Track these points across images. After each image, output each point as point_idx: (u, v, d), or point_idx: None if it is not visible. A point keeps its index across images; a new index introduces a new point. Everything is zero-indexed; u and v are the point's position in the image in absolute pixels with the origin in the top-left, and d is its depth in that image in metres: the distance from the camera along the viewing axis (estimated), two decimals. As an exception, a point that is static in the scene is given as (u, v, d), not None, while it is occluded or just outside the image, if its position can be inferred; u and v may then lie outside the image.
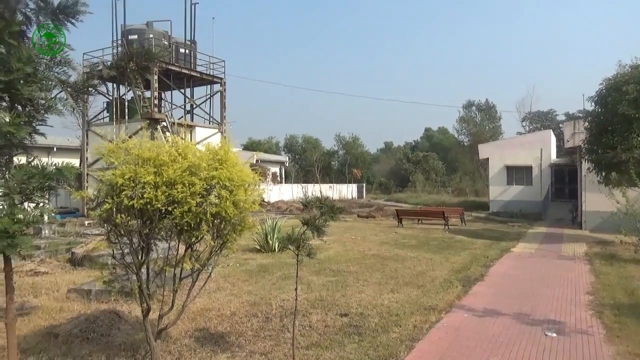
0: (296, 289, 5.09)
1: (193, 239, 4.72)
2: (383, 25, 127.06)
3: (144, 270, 4.68)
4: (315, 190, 45.68)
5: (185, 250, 4.84)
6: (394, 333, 6.16)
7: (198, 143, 5.73)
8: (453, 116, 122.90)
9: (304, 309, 7.04)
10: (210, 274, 5.17)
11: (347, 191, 51.82)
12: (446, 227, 20.65)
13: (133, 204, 4.24)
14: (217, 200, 4.54)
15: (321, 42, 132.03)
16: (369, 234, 17.64)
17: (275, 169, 44.82)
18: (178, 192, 4.33)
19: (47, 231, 16.75)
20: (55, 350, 5.53)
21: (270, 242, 12.84)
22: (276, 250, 12.69)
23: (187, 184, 4.39)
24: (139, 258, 4.63)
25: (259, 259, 11.58)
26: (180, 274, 4.90)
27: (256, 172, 5.17)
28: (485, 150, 33.73)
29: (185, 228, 4.56)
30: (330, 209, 4.82)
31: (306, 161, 65.74)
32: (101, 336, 5.92)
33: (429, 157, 64.15)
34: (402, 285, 8.91)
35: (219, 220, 4.71)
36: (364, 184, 57.79)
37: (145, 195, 4.24)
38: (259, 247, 12.77)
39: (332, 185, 51.27)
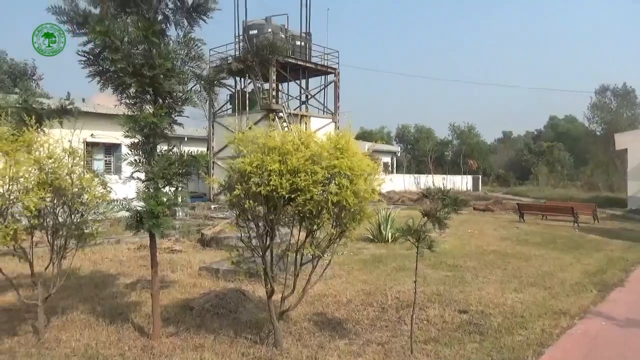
0: (415, 282, 4.98)
1: (314, 226, 4.83)
2: (501, 2, 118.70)
3: (268, 253, 4.91)
4: (427, 181, 44.53)
5: (306, 237, 4.99)
6: (519, 336, 5.75)
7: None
8: (582, 103, 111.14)
9: (421, 302, 6.88)
10: (330, 261, 5.27)
11: (461, 183, 49.70)
12: (575, 224, 18.78)
13: (260, 190, 4.45)
14: (337, 189, 4.59)
15: (434, 29, 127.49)
16: (487, 228, 16.71)
17: (386, 159, 44.50)
18: (301, 180, 4.45)
19: (181, 213, 18.51)
20: (190, 322, 6.06)
21: (384, 232, 12.78)
22: (389, 240, 12.60)
23: (309, 173, 4.49)
24: (264, 242, 4.87)
25: (372, 249, 11.59)
26: (301, 259, 5.06)
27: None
28: (623, 140, 29.89)
29: (307, 215, 4.68)
30: (454, 201, 4.61)
31: (418, 151, 64.33)
32: (229, 312, 6.36)
33: (554, 148, 58.87)
34: (527, 286, 8.28)
35: (339, 209, 4.76)
36: (480, 176, 54.92)
37: (271, 183, 4.42)
38: (372, 237, 12.77)
39: (445, 176, 49.52)
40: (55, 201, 5.24)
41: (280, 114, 24.01)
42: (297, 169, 4.51)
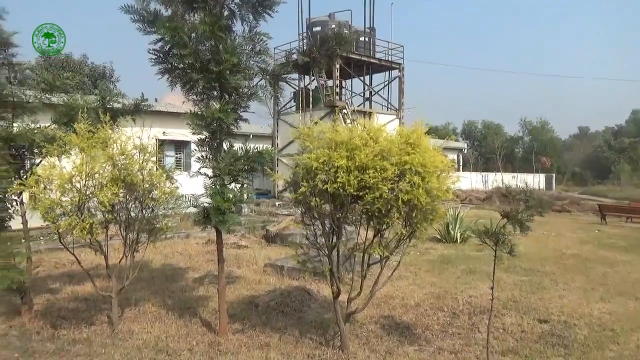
0: (492, 288, 4.60)
1: (383, 226, 4.60)
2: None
3: (334, 253, 4.74)
4: (496, 179, 42.60)
5: (374, 237, 4.76)
6: (610, 351, 5.19)
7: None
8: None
9: (496, 309, 6.43)
10: (399, 262, 5.01)
11: (533, 181, 47.03)
12: (667, 227, 17.09)
13: (327, 187, 4.28)
14: (408, 187, 4.33)
15: (502, 18, 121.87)
16: (565, 231, 15.59)
17: (452, 156, 43.07)
18: (370, 177, 4.24)
19: (246, 210, 18.89)
20: (256, 319, 6.04)
21: (452, 232, 12.26)
22: (458, 240, 12.06)
23: (378, 169, 4.27)
24: (330, 241, 4.70)
25: (440, 249, 11.13)
26: (369, 260, 4.85)
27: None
28: None
29: (376, 214, 4.46)
30: (539, 203, 4.19)
31: (486, 148, 61.74)
32: (294, 311, 6.28)
33: (638, 144, 54.21)
34: (615, 295, 7.54)
35: (409, 208, 4.49)
36: (554, 174, 51.72)
37: (338, 180, 4.24)
38: (439, 237, 12.29)
39: (515, 174, 47.11)
40: (127, 197, 5.37)
41: (344, 111, 23.84)
42: (365, 165, 4.30)
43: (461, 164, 46.84)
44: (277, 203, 21.23)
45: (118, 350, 5.19)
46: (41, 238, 6.26)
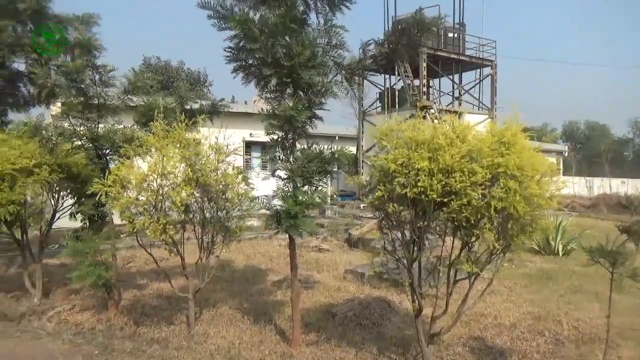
0: (608, 317, 3.82)
1: (471, 237, 4.01)
2: None
3: (415, 266, 4.23)
4: (602, 185, 38.57)
5: (461, 249, 4.19)
6: None
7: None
8: None
9: (610, 337, 5.49)
10: (491, 280, 4.37)
11: (647, 189, 41.90)
12: None
13: (406, 192, 3.81)
14: (502, 193, 3.72)
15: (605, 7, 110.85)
16: (693, 243, 13.46)
17: (551, 159, 39.71)
18: (456, 181, 3.70)
19: (329, 211, 18.71)
20: (332, 331, 5.69)
21: (553, 243, 11.01)
22: (560, 253, 10.80)
23: (466, 172, 3.72)
24: (411, 252, 4.21)
25: (538, 262, 10.00)
26: (455, 275, 4.28)
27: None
28: None
29: (463, 224, 3.90)
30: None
31: (590, 151, 56.47)
32: (373, 324, 5.84)
33: None
34: None
35: (503, 218, 3.88)
36: (673, 180, 45.68)
37: (419, 184, 3.75)
38: (537, 248, 11.09)
39: (625, 180, 42.25)
40: (201, 197, 5.30)
41: (432, 111, 22.82)
42: (450, 167, 3.76)
43: (562, 167, 43.09)
44: (361, 205, 20.81)
45: (191, 355, 5.12)
46: (123, 235, 6.50)
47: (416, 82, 23.64)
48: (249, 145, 19.67)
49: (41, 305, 6.84)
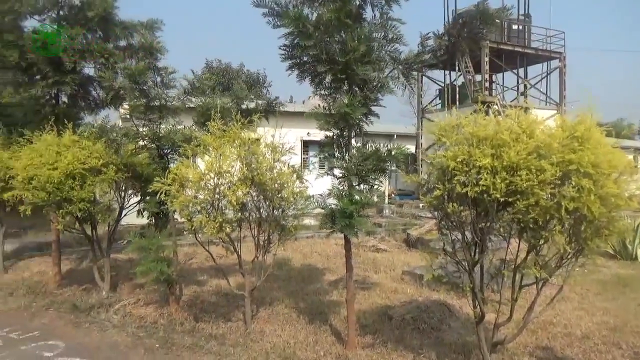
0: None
1: (539, 240, 3.73)
2: None
3: (477, 269, 4.00)
4: (690, 182, 35.38)
5: (528, 253, 3.91)
6: None
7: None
8: None
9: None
10: (562, 286, 4.05)
11: None
12: None
13: (466, 191, 3.60)
14: (575, 193, 3.42)
15: None
16: None
17: (628, 157, 36.92)
18: (522, 179, 3.45)
19: (387, 211, 18.45)
20: (388, 334, 5.54)
21: (630, 247, 10.16)
22: (638, 258, 9.96)
23: (533, 170, 3.46)
24: (472, 255, 3.98)
25: (613, 268, 9.26)
26: (521, 280, 4.01)
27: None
28: None
29: (530, 225, 3.63)
30: None
31: (673, 147, 51.82)
32: (432, 329, 5.63)
33: None
34: None
35: (576, 219, 3.58)
36: None
37: (480, 182, 3.53)
38: (613, 252, 10.28)
39: None
40: (257, 196, 5.32)
41: (495, 107, 21.88)
42: (516, 165, 3.51)
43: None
44: (420, 205, 20.34)
45: (246, 353, 5.15)
46: (185, 232, 6.70)
47: (478, 77, 22.78)
48: (306, 145, 19.78)
49: (108, 298, 7.19)
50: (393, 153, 4.41)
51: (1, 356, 5.23)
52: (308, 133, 18.48)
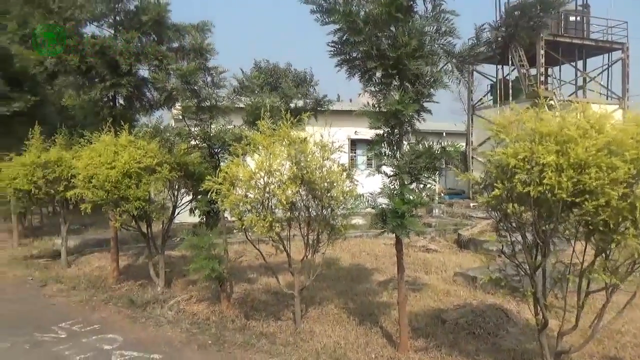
0: None
1: (610, 244, 3.46)
2: None
3: (539, 273, 3.77)
4: None
5: (596, 256, 3.64)
6: None
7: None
8: None
9: None
10: (634, 293, 3.75)
11: None
12: None
13: (528, 191, 3.39)
14: (651, 192, 3.14)
15: None
16: None
17: None
18: (591, 178, 3.20)
19: (437, 210, 18.02)
20: (442, 338, 5.36)
21: None
22: None
23: (604, 168, 3.20)
24: (534, 258, 3.75)
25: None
26: (587, 286, 3.73)
27: None
28: None
29: (600, 228, 3.37)
30: None
31: None
32: (488, 334, 5.39)
33: None
34: None
35: (652, 221, 3.27)
36: None
37: (544, 181, 3.31)
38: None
39: None
40: (306, 195, 5.28)
41: (551, 102, 20.85)
42: (584, 162, 3.26)
43: None
44: (471, 204, 19.74)
45: (297, 353, 5.13)
46: (235, 231, 6.80)
47: (532, 71, 21.80)
48: (354, 143, 19.67)
49: (163, 294, 7.40)
50: (448, 150, 4.23)
51: (65, 347, 5.48)
52: (356, 132, 18.36)
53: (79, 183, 6.94)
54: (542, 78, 21.83)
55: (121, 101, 8.51)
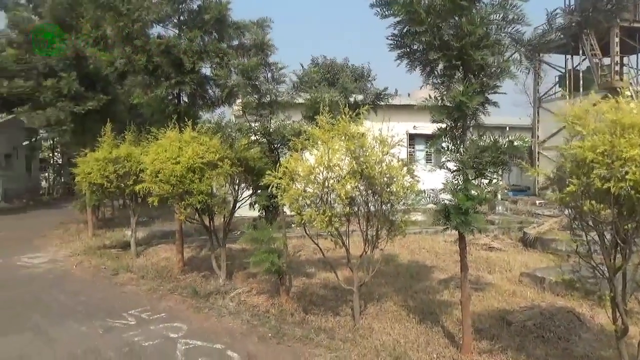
0: None
1: None
2: None
3: (619, 277, 3.49)
4: None
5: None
6: None
7: None
8: None
9: None
10: None
11: None
12: None
13: (608, 187, 3.13)
14: None
15: None
16: None
17: None
18: (681, 173, 2.90)
19: (500, 207, 17.32)
20: (508, 340, 5.13)
21: None
22: None
23: (699, 162, 2.89)
24: (612, 260, 3.48)
25: None
26: (676, 291, 3.41)
27: None
28: None
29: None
30: None
31: None
32: (558, 339, 5.09)
33: None
34: None
35: None
36: None
37: (627, 177, 3.05)
38: None
39: None
40: (366, 190, 5.21)
41: (627, 93, 19.33)
42: (673, 156, 2.97)
43: None
44: (537, 202, 18.78)
45: (356, 349, 5.09)
46: (294, 225, 6.84)
47: (605, 60, 20.33)
48: (412, 138, 19.26)
49: (224, 285, 7.60)
50: (515, 144, 4.01)
51: (134, 334, 5.76)
52: (414, 126, 17.97)
53: (147, 177, 7.26)
54: (617, 67, 20.31)
55: (185, 98, 8.82)
